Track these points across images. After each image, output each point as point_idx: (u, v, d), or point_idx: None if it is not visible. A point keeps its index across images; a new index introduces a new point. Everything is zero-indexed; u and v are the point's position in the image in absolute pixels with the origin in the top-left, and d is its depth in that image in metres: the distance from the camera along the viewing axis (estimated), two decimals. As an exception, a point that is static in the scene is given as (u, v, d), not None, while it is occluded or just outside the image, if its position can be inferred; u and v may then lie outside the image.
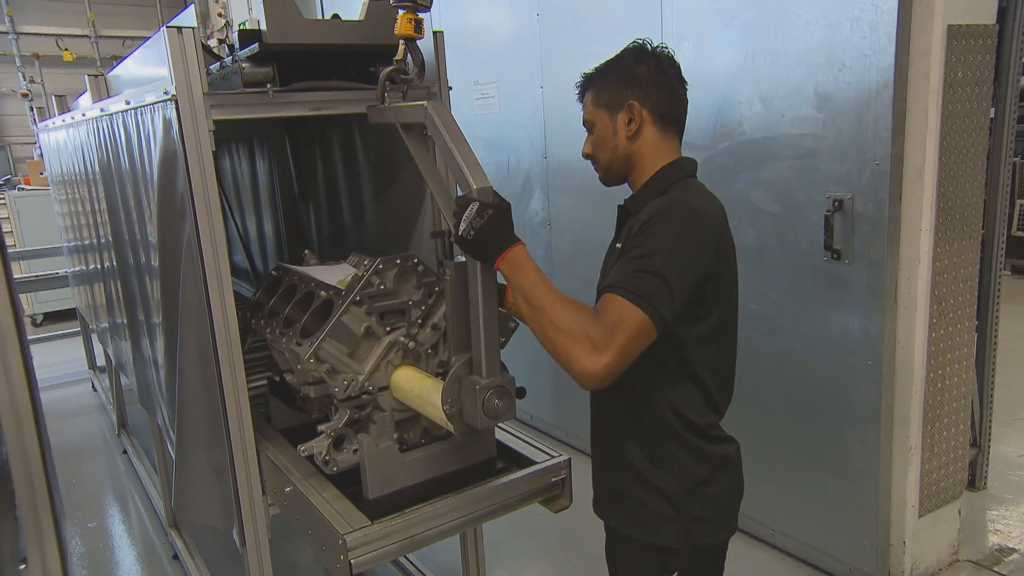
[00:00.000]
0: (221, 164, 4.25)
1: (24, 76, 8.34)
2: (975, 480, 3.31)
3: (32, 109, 8.36)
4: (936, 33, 2.28)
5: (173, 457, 2.12)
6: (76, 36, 8.83)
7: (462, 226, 1.38)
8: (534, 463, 1.83)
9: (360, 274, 1.77)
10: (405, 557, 2.82)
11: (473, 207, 1.37)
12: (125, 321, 2.94)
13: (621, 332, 1.23)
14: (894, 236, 2.39)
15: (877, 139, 2.33)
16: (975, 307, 2.64)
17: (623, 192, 1.57)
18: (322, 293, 1.86)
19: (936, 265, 2.45)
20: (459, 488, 1.74)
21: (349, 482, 1.76)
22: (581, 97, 1.53)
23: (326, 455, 1.71)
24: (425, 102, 1.57)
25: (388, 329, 1.74)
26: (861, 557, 2.63)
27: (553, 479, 1.81)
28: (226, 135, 3.88)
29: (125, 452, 4.22)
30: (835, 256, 2.49)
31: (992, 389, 3.26)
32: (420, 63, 1.71)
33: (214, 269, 1.76)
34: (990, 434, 3.29)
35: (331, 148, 2.89)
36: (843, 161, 2.43)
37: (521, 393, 1.58)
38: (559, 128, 3.66)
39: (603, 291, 1.32)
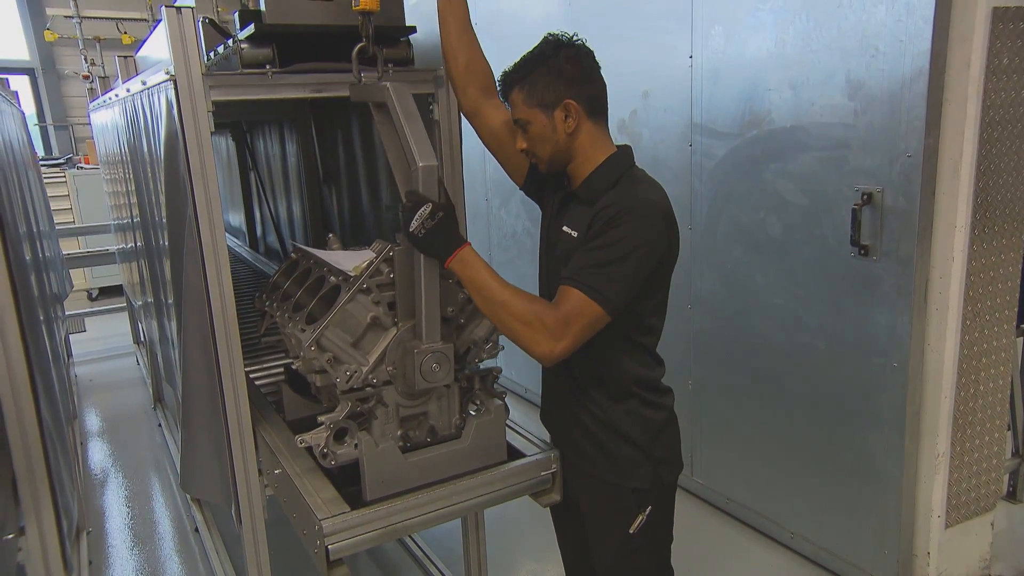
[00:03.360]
0: (256, 146, 4.31)
1: (86, 59, 8.59)
2: (1016, 492, 3.14)
3: (88, 91, 8.62)
4: (979, 16, 2.13)
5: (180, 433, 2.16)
6: (135, 20, 9.05)
7: (414, 224, 1.51)
8: (523, 455, 1.78)
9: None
10: (411, 539, 2.82)
11: (426, 208, 1.50)
12: (152, 300, 3.00)
13: (577, 322, 1.42)
14: (925, 232, 2.26)
15: (910, 130, 2.21)
16: (1016, 310, 2.48)
17: None
18: (332, 279, 1.81)
19: (972, 264, 2.31)
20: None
21: (351, 481, 1.67)
22: (506, 96, 1.59)
23: (324, 447, 1.63)
24: (388, 83, 1.61)
25: (396, 320, 1.68)
26: (882, 566, 2.52)
27: (543, 472, 1.77)
28: (259, 117, 3.92)
29: (160, 426, 4.34)
30: (862, 252, 2.37)
31: (1039, 397, 3.07)
32: (368, 38, 1.73)
33: (211, 251, 1.76)
34: (1034, 444, 3.11)
35: (351, 132, 2.89)
36: (874, 153, 2.31)
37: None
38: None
39: (563, 281, 1.45)
